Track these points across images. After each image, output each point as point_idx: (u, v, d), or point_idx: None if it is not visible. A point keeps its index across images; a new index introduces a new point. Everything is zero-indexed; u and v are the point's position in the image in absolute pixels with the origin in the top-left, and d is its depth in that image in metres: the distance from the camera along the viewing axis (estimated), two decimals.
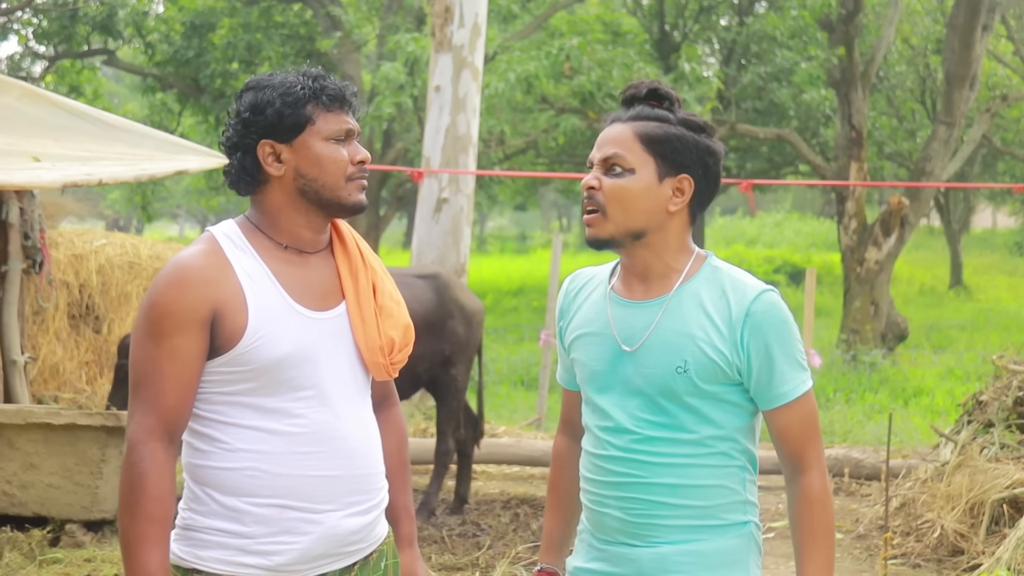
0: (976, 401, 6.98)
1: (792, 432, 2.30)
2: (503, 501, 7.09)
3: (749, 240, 33.42)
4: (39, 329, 8.45)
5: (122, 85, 31.61)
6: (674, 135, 2.29)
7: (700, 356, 2.26)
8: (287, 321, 2.27)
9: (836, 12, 15.24)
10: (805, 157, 16.82)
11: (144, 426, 2.22)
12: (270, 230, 2.33)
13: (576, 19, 17.33)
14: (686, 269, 2.32)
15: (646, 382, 2.29)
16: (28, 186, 6.22)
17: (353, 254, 2.40)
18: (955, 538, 5.90)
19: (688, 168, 2.30)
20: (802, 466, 2.31)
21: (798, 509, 2.31)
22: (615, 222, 2.29)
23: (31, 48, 17.17)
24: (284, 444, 2.26)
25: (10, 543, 5.65)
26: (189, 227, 47.44)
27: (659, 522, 2.30)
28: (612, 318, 2.35)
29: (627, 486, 2.30)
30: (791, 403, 2.29)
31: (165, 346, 2.21)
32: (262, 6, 17.12)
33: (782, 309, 2.29)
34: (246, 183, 2.33)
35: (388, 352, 2.37)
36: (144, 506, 2.19)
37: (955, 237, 24.59)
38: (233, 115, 2.34)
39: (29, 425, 5.81)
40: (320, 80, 2.31)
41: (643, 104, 2.34)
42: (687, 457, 2.29)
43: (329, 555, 2.31)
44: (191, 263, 2.24)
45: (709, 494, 2.30)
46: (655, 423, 2.29)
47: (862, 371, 12.94)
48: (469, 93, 9.16)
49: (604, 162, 2.31)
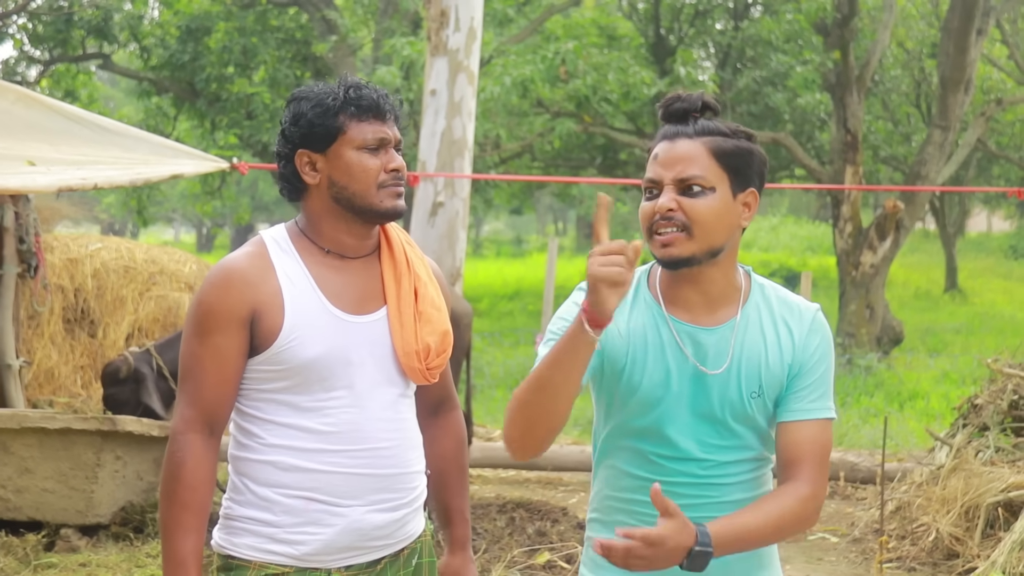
0: (971, 405, 6.98)
1: (802, 450, 2.24)
2: (499, 505, 7.09)
3: (745, 244, 33.36)
4: (34, 333, 8.44)
5: (117, 89, 31.60)
6: (743, 149, 2.24)
7: (771, 379, 2.26)
8: (322, 323, 2.35)
9: (831, 16, 15.27)
10: (800, 161, 16.83)
11: (185, 418, 2.34)
12: (314, 235, 2.42)
13: (572, 23, 17.33)
14: (743, 287, 2.31)
15: (721, 408, 2.26)
16: (23, 190, 6.22)
17: (399, 259, 2.46)
18: (950, 541, 5.91)
19: (753, 181, 2.27)
20: (803, 480, 2.23)
21: (773, 493, 2.24)
22: (700, 241, 2.21)
23: (26, 52, 17.13)
24: (314, 441, 2.35)
25: (5, 548, 5.64)
26: (184, 231, 47.41)
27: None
28: (680, 340, 2.27)
29: (698, 507, 2.25)
30: (812, 421, 2.25)
31: (208, 343, 2.32)
32: (258, 10, 17.11)
33: (828, 330, 2.33)
34: (289, 191, 2.44)
35: (424, 357, 2.43)
36: (179, 494, 2.31)
37: (950, 241, 24.61)
38: (281, 126, 2.44)
39: (24, 429, 5.80)
40: (356, 90, 2.38)
41: (699, 118, 2.26)
42: (752, 472, 2.31)
43: (354, 548, 2.38)
44: (236, 265, 2.36)
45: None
46: (725, 447, 2.28)
47: (857, 375, 12.95)
48: (465, 97, 9.16)
49: (681, 182, 2.21)
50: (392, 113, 2.40)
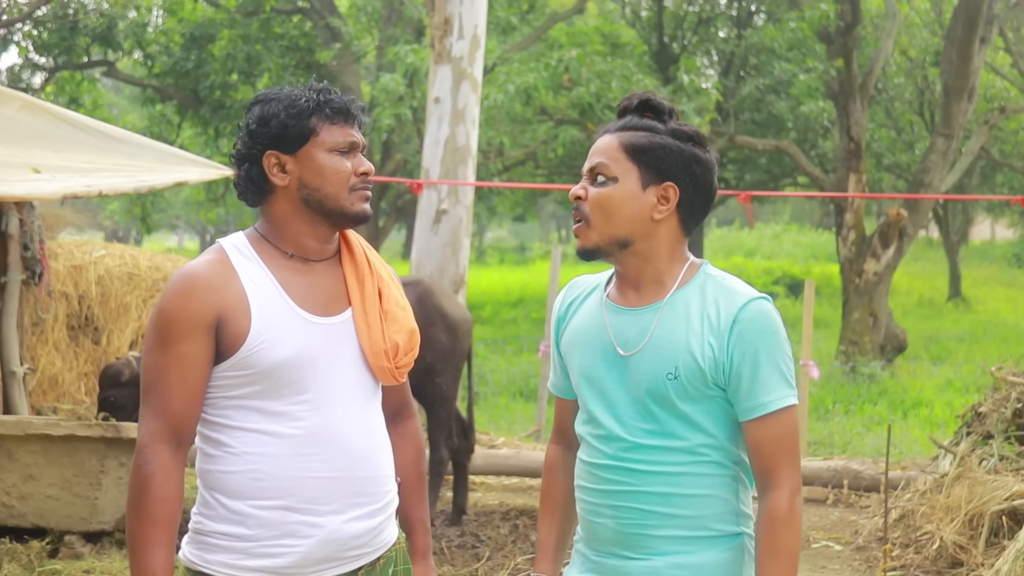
0: (975, 413, 6.98)
1: (767, 447, 2.27)
2: (502, 512, 7.08)
3: (748, 251, 33.43)
4: (38, 340, 8.45)
5: (122, 96, 31.64)
6: (658, 144, 2.31)
7: (690, 362, 2.27)
8: (290, 326, 2.32)
9: (834, 24, 15.28)
10: (804, 169, 16.83)
11: (151, 430, 2.29)
12: (276, 239, 2.39)
13: (575, 31, 17.35)
14: (679, 277, 2.34)
15: (638, 388, 2.30)
16: (28, 198, 6.23)
17: (360, 261, 2.45)
18: (954, 550, 5.90)
19: (673, 176, 2.31)
20: (772, 483, 2.27)
21: (761, 527, 2.27)
22: (598, 230, 2.32)
23: (31, 60, 17.17)
24: (286, 446, 2.31)
25: (9, 554, 5.64)
26: (188, 238, 47.45)
27: (651, 532, 2.30)
28: (608, 324, 2.36)
29: (619, 494, 2.31)
30: (769, 416, 2.26)
31: (171, 353, 2.28)
32: (261, 18, 17.14)
33: (772, 319, 2.29)
34: (253, 193, 2.40)
35: (393, 356, 2.42)
36: (148, 508, 2.26)
37: (953, 249, 24.59)
38: (242, 128, 2.41)
39: (28, 436, 5.81)
40: (325, 93, 2.38)
41: (634, 115, 2.36)
42: (678, 465, 2.29)
43: (332, 559, 2.35)
44: (196, 272, 2.32)
45: (701, 503, 2.29)
46: (647, 430, 2.30)
47: (861, 383, 12.95)
48: (468, 104, 9.17)
49: (590, 172, 2.34)
50: (358, 118, 2.41)
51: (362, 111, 2.43)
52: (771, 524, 2.25)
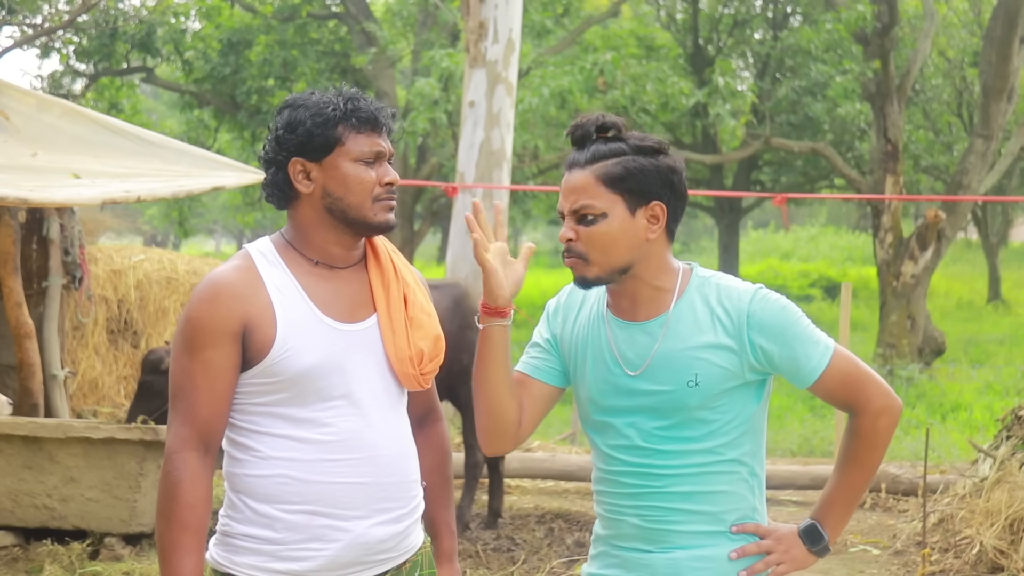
0: (1015, 416, 6.91)
1: (838, 393, 2.38)
2: (538, 515, 7.09)
3: (784, 254, 33.22)
4: (78, 344, 8.54)
5: (160, 102, 31.92)
6: (634, 168, 2.32)
7: (709, 367, 2.32)
8: (315, 333, 2.33)
9: (871, 25, 15.18)
10: (840, 171, 16.73)
11: (180, 436, 2.30)
12: (301, 246, 2.39)
13: (610, 34, 17.34)
14: (676, 286, 2.37)
15: (657, 400, 2.34)
16: (68, 203, 6.31)
17: (386, 267, 2.45)
18: (994, 555, 5.84)
19: (656, 194, 2.33)
20: (856, 410, 2.39)
21: (845, 438, 2.42)
22: (599, 265, 2.34)
23: (72, 66, 17.37)
24: (314, 452, 2.32)
25: (50, 556, 5.71)
26: (225, 242, 47.77)
27: (674, 528, 2.36)
28: (612, 340, 2.39)
29: (643, 495, 2.37)
30: (823, 374, 2.35)
31: (199, 359, 2.29)
32: (298, 23, 17.25)
33: (775, 298, 2.37)
34: (279, 198, 2.41)
35: (418, 362, 2.42)
36: (177, 513, 2.27)
37: (993, 251, 24.37)
38: (271, 131, 2.41)
39: (69, 439, 5.87)
40: (354, 101, 2.36)
41: (595, 142, 2.35)
42: (699, 466, 2.36)
43: (358, 563, 2.36)
44: (223, 279, 2.32)
45: (721, 500, 2.37)
46: (667, 438, 2.35)
47: (899, 386, 12.85)
48: (503, 108, 9.19)
49: (574, 213, 2.34)
50: (387, 126, 2.40)
51: (391, 118, 2.42)
52: (853, 439, 2.40)
